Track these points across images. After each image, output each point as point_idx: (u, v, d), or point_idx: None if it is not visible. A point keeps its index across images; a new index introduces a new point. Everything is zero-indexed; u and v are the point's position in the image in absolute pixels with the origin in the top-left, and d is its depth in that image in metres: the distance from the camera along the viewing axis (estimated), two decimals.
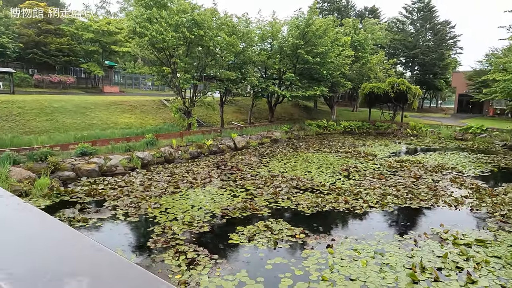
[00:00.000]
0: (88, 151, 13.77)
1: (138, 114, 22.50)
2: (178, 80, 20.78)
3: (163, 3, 19.70)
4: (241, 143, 20.38)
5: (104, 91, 35.16)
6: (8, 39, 27.33)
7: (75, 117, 19.02)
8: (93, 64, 33.95)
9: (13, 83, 21.96)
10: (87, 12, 36.42)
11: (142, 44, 20.64)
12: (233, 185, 11.77)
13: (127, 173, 13.49)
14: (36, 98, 19.60)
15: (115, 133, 17.81)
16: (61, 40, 31.10)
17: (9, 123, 16.29)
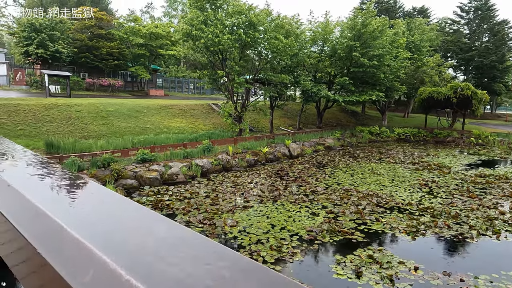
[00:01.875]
0: (148, 157, 13.23)
1: (188, 119, 22.03)
2: (231, 83, 20.06)
3: (218, 4, 19.07)
4: (296, 151, 19.25)
5: (150, 94, 35.41)
6: (63, 44, 28.04)
7: (129, 121, 18.78)
8: (141, 68, 34.29)
9: (70, 87, 22.25)
10: (136, 16, 36.93)
11: (194, 47, 20.15)
12: (306, 200, 10.65)
13: (187, 181, 12.78)
14: (91, 102, 19.63)
15: (169, 138, 17.31)
16: (112, 44, 31.61)
17: (69, 126, 16.22)
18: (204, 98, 37.63)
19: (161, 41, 34.11)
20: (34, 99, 18.46)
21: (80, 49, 30.33)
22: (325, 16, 25.71)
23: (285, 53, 19.65)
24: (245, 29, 18.46)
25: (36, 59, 27.85)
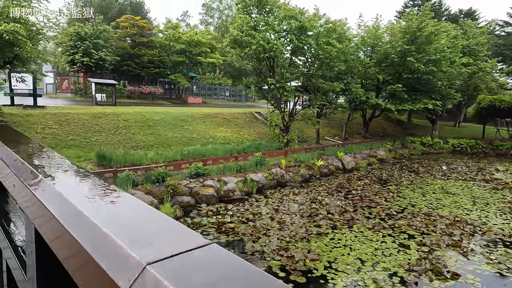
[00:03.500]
0: (201, 171, 12.37)
1: (233, 128, 21.19)
2: (279, 91, 19.04)
3: (268, 9, 18.18)
4: (350, 164, 17.85)
5: (188, 102, 35.14)
6: (107, 52, 28.26)
7: (175, 131, 18.17)
8: (180, 75, 34.12)
9: (115, 95, 22.12)
10: (176, 23, 37.01)
11: (242, 54, 19.32)
12: (386, 227, 9.31)
13: (244, 198, 11.78)
14: (137, 110, 19.24)
15: (217, 149, 16.47)
16: (153, 52, 31.62)
17: (117, 136, 15.77)
18: (241, 105, 36.96)
19: (200, 48, 33.84)
20: (82, 107, 18.29)
21: (122, 57, 30.53)
22: (376, 19, 24.22)
23: (338, 59, 18.40)
24: (297, 34, 17.40)
25: (81, 67, 28.20)
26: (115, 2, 46.38)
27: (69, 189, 0.94)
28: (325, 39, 17.78)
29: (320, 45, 17.60)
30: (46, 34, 11.92)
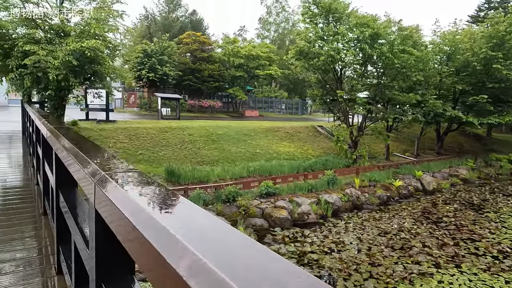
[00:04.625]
0: (272, 191, 11.53)
1: (296, 142, 20.24)
2: (348, 104, 17.77)
3: (337, 17, 17.17)
4: (431, 185, 15.89)
5: (245, 115, 34.98)
6: (170, 67, 29.15)
7: (239, 145, 17.68)
8: (238, 89, 34.19)
9: (179, 109, 22.44)
10: (235, 38, 37.45)
11: (307, 66, 18.45)
12: (505, 269, 7.61)
13: (319, 222, 10.68)
14: (201, 124, 19.15)
15: (283, 165, 15.60)
16: (213, 67, 32.07)
17: (183, 151, 15.64)
18: (298, 119, 36.00)
19: (258, 61, 33.70)
20: (150, 122, 18.62)
21: (184, 72, 31.31)
22: (454, 24, 22.01)
23: (415, 68, 16.72)
24: (369, 43, 16.13)
25: (146, 83, 29.35)
26: (177, 20, 48.48)
27: (137, 192, 0.99)
28: (401, 47, 16.27)
29: (395, 53, 16.11)
30: (122, 51, 12.11)
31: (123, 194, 0.95)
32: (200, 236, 0.67)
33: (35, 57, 8.83)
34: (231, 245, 0.64)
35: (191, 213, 0.81)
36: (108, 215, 1.01)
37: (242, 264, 0.56)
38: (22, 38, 9.60)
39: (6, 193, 4.83)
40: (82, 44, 9.02)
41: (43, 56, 8.84)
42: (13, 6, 10.00)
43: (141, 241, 0.72)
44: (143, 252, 0.73)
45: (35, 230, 3.49)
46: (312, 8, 17.68)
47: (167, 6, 50.68)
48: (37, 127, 4.16)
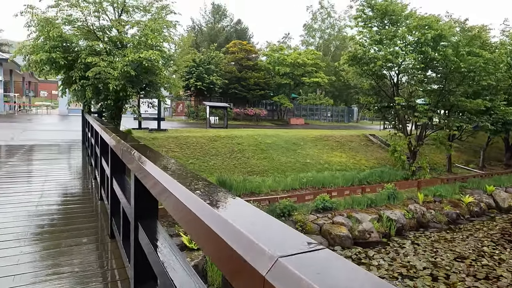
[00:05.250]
0: (329, 205, 10.78)
1: (347, 152, 19.23)
2: (406, 112, 16.52)
3: (394, 19, 16.11)
4: (506, 202, 14.16)
5: (291, 123, 34.40)
6: (217, 76, 29.45)
7: (288, 155, 17.10)
8: (283, 97, 33.72)
9: (227, 118, 22.41)
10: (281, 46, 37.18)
11: (361, 72, 17.51)
12: None
13: (382, 242, 9.74)
14: (249, 133, 18.86)
15: (336, 177, 14.74)
16: (258, 75, 31.95)
17: (232, 160, 15.38)
18: (345, 127, 34.70)
19: (304, 68, 33.05)
20: (199, 130, 18.68)
21: (230, 80, 31.49)
22: None
23: (486, 71, 15.14)
24: (432, 45, 14.88)
25: (194, 92, 29.87)
26: (222, 30, 49.40)
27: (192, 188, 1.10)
28: (467, 49, 14.81)
29: (461, 56, 14.69)
30: (175, 61, 12.15)
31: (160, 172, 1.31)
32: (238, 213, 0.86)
33: (97, 69, 9.00)
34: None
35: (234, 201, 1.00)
36: (147, 181, 1.41)
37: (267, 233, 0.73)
38: (84, 50, 9.88)
39: (67, 188, 5.43)
40: (140, 54, 9.05)
41: (104, 67, 8.98)
42: (76, 20, 10.37)
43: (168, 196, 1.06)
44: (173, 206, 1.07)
45: (93, 212, 4.19)
46: (366, 11, 16.80)
47: (213, 17, 51.90)
48: (96, 130, 4.81)
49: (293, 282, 0.53)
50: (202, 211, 0.89)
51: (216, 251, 0.79)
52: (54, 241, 3.25)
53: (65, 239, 3.35)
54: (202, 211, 0.89)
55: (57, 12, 10.11)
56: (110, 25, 10.95)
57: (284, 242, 0.67)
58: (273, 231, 0.75)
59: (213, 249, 0.82)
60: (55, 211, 4.19)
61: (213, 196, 1.02)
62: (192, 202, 0.98)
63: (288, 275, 0.54)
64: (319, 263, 0.59)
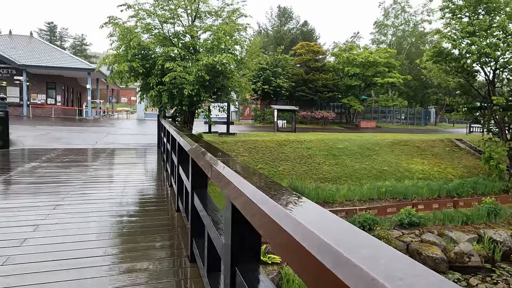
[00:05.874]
0: (415, 220, 9.52)
1: (430, 159, 17.26)
2: (508, 113, 14.22)
3: (493, 7, 13.99)
4: None
5: (361, 126, 32.50)
6: (284, 79, 29.04)
7: (363, 161, 15.86)
8: (353, 99, 32.08)
9: (295, 121, 21.82)
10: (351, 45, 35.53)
11: (446, 68, 15.57)
12: None
13: (485, 268, 8.22)
14: (319, 137, 18.00)
15: (420, 188, 13.19)
16: (326, 76, 30.81)
17: (302, 166, 14.70)
18: (423, 130, 31.81)
19: (375, 68, 30.99)
20: (267, 134, 18.36)
21: (297, 83, 30.84)
22: None
23: None
24: None
25: (260, 95, 29.82)
26: (288, 32, 49.01)
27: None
28: None
29: None
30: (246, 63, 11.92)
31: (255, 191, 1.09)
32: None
33: (173, 74, 9.08)
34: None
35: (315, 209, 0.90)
36: (243, 207, 1.17)
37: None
38: (161, 56, 10.09)
39: (143, 196, 5.34)
40: (214, 58, 8.93)
41: (180, 72, 9.03)
42: (153, 28, 10.68)
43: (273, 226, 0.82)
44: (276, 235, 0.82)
45: (170, 225, 3.87)
46: (455, 0, 14.91)
47: (279, 20, 51.85)
48: (173, 137, 4.78)
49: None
50: (301, 235, 0.75)
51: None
52: (132, 244, 3.33)
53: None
54: (301, 236, 0.74)
55: (136, 22, 10.52)
56: (184, 31, 11.09)
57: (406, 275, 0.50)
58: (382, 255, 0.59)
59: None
60: (133, 216, 4.14)
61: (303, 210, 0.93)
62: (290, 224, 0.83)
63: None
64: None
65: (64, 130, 15.78)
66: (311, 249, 0.67)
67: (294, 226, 0.77)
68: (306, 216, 0.82)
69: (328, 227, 0.77)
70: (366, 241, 0.67)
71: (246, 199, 1.19)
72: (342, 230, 0.75)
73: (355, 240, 0.68)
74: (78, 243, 3.23)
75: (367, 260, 0.56)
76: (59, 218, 3.90)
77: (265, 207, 0.99)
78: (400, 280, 0.49)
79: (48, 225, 3.66)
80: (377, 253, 0.60)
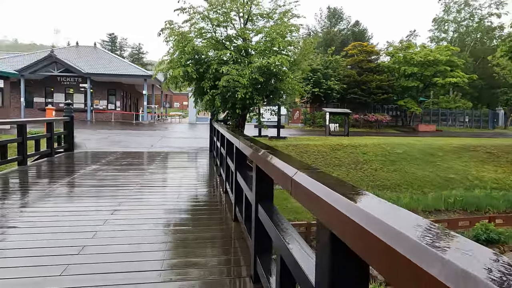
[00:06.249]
0: (494, 236, 8.38)
1: (505, 166, 15.43)
2: None
3: None
4: None
5: (419, 130, 30.39)
6: (335, 81, 28.12)
7: (425, 168, 14.60)
8: (410, 100, 30.14)
9: (348, 124, 20.90)
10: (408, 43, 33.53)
11: None
12: None
13: None
14: (374, 142, 16.95)
15: (495, 198, 11.76)
16: (381, 77, 29.27)
17: (358, 172, 13.89)
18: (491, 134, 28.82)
19: (435, 68, 28.80)
20: (318, 138, 17.72)
21: (348, 85, 29.69)
22: None
23: None
24: None
25: (310, 98, 29.14)
26: (339, 33, 47.69)
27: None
28: None
29: None
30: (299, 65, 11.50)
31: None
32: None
33: (227, 77, 8.97)
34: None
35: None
36: (351, 239, 0.94)
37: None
38: (213, 60, 10.06)
39: (197, 202, 5.26)
40: (268, 60, 8.67)
41: (235, 75, 8.90)
42: (207, 32, 10.71)
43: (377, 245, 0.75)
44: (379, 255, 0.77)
45: (226, 237, 3.68)
46: None
47: (329, 21, 50.71)
48: (222, 134, 5.03)
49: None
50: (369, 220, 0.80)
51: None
52: (188, 258, 3.17)
53: (199, 226, 3.98)
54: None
55: (190, 27, 10.62)
56: (237, 34, 10.99)
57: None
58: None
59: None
60: (188, 226, 3.96)
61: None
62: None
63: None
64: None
65: (122, 134, 16.56)
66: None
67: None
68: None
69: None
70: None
71: (355, 229, 0.89)
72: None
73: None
74: (134, 254, 3.07)
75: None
76: (116, 224, 3.83)
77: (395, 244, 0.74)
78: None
79: (106, 231, 3.59)
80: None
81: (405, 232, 0.72)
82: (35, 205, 4.61)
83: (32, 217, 4.04)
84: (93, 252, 3.05)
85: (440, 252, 0.60)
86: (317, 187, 1.18)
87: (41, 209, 4.42)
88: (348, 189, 1.14)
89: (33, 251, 3.01)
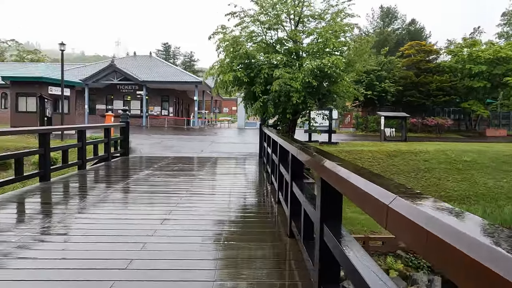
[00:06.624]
0: None
1: None
2: None
3: None
4: None
5: (486, 135, 27.57)
6: (389, 83, 26.58)
7: (498, 178, 13.01)
8: (475, 103, 27.47)
9: (406, 129, 19.52)
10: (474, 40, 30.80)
11: None
12: None
13: None
14: (437, 148, 15.52)
15: None
16: (442, 78, 27.10)
17: (419, 181, 12.78)
18: None
19: (506, 66, 26.00)
20: (373, 144, 16.70)
21: (404, 87, 27.88)
22: None
23: None
24: None
25: (362, 101, 27.83)
26: (393, 33, 45.35)
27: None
28: None
29: None
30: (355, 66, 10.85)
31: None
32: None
33: (280, 81, 8.66)
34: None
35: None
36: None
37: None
38: (264, 64, 9.81)
39: (248, 213, 5.04)
40: (322, 61, 8.22)
41: (288, 79, 8.58)
42: (257, 35, 10.52)
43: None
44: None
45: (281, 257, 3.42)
46: None
47: (382, 21, 48.50)
48: (274, 140, 4.96)
49: None
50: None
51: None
52: (239, 281, 2.85)
53: (251, 241, 3.60)
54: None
55: (240, 31, 10.50)
56: (288, 36, 10.67)
57: None
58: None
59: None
60: (239, 241, 3.63)
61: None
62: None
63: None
64: None
65: (174, 139, 16.98)
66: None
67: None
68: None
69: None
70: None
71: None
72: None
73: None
74: (182, 273, 2.82)
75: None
76: (165, 236, 3.64)
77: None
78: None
79: (155, 243, 3.41)
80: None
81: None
82: (89, 211, 4.63)
83: (84, 224, 4.02)
84: (141, 268, 2.85)
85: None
86: (449, 231, 0.77)
87: (94, 216, 4.42)
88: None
89: (80, 264, 2.89)
